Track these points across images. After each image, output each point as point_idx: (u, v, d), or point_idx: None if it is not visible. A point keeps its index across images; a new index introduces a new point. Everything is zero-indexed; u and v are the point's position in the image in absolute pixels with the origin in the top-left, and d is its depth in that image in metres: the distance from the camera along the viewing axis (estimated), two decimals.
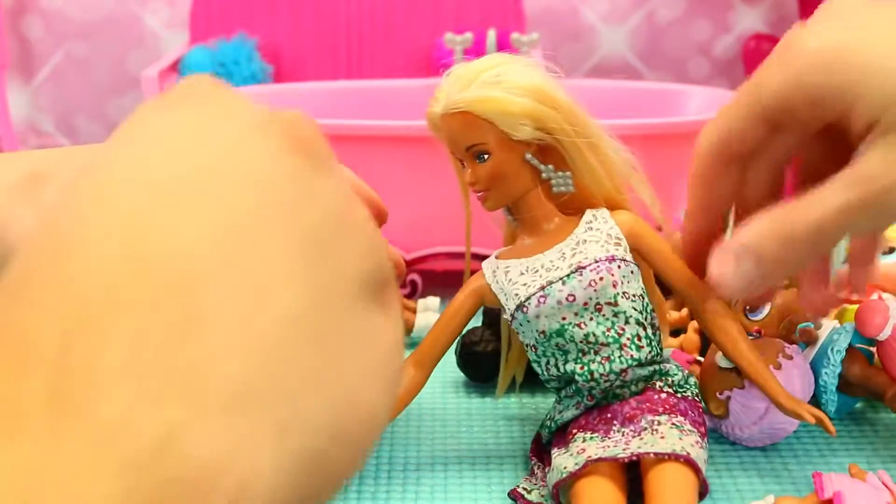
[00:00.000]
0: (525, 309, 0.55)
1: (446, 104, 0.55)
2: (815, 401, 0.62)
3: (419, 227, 0.81)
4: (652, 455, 0.50)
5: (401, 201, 0.80)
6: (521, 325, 0.56)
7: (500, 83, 0.54)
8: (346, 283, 0.27)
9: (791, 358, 0.59)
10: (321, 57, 1.24)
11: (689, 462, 0.50)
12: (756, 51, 1.17)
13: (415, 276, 0.83)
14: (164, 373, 0.22)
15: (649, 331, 0.55)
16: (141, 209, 0.24)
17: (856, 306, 0.67)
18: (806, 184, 0.49)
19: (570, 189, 0.57)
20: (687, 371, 0.57)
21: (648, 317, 0.56)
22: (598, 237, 0.56)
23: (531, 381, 0.68)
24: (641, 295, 0.56)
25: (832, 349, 0.61)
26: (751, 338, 0.58)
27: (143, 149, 0.26)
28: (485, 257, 0.73)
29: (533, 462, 0.58)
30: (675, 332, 0.74)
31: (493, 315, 0.70)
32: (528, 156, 0.55)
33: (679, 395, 0.55)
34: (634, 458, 0.51)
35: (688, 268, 0.57)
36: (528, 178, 0.56)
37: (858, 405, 0.65)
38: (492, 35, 0.99)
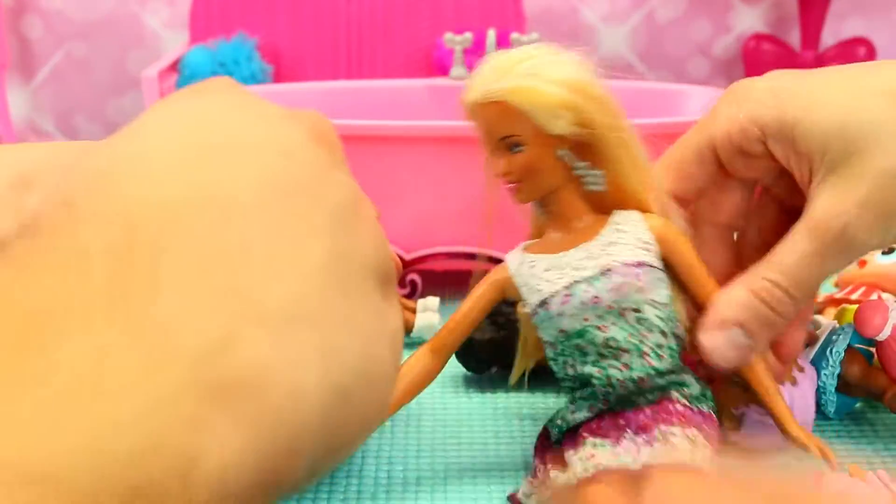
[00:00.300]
0: (548, 306, 0.54)
1: (482, 93, 0.54)
2: (815, 402, 0.62)
3: (419, 227, 0.81)
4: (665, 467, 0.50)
5: (401, 201, 0.80)
6: (542, 321, 0.55)
7: (538, 74, 0.53)
8: (361, 263, 0.29)
9: (803, 370, 0.58)
10: (321, 57, 1.24)
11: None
12: (756, 51, 1.17)
13: (414, 276, 0.83)
14: (220, 285, 0.24)
15: (671, 340, 0.55)
16: (196, 154, 0.26)
17: (855, 306, 0.67)
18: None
19: (601, 187, 0.56)
20: (704, 383, 0.57)
21: (672, 326, 0.55)
22: (627, 240, 0.55)
23: (532, 379, 0.68)
24: (667, 303, 0.55)
25: (831, 350, 0.61)
26: None
27: (179, 124, 0.28)
28: (489, 258, 0.73)
29: (536, 462, 0.58)
30: None
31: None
32: (562, 152, 0.55)
33: (695, 408, 0.55)
34: (643, 468, 0.50)
35: (711, 281, 0.56)
36: (561, 173, 0.55)
37: (858, 405, 0.65)
38: (491, 35, 0.99)
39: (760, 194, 0.56)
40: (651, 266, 0.54)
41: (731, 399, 0.59)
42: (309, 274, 0.26)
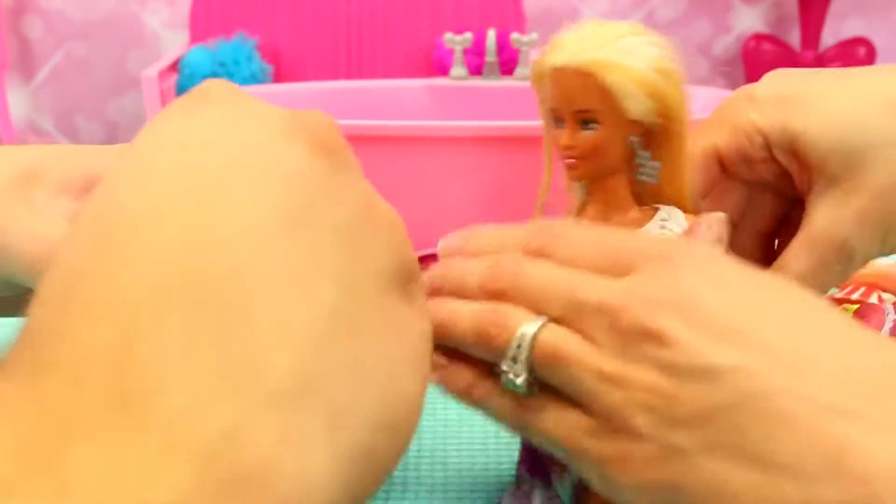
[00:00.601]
0: None
1: (571, 58, 0.51)
2: None
3: (420, 226, 0.81)
4: None
5: (402, 200, 0.80)
6: None
7: (635, 55, 0.51)
8: (375, 275, 0.28)
9: None
10: (321, 57, 1.24)
11: None
12: (756, 51, 1.17)
13: None
14: (224, 364, 0.23)
15: None
16: (181, 210, 0.25)
17: (856, 306, 0.67)
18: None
19: (654, 180, 0.54)
20: None
21: None
22: (671, 237, 0.54)
23: None
24: None
25: None
26: None
27: (175, 151, 0.27)
28: None
29: (520, 471, 0.57)
30: None
31: None
32: (633, 138, 0.52)
33: None
34: None
35: None
36: (623, 158, 0.53)
37: None
38: (491, 35, 0.99)
39: (759, 186, 0.56)
40: None
41: None
42: (317, 328, 0.25)
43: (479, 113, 0.95)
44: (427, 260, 0.84)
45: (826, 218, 0.48)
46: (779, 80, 0.52)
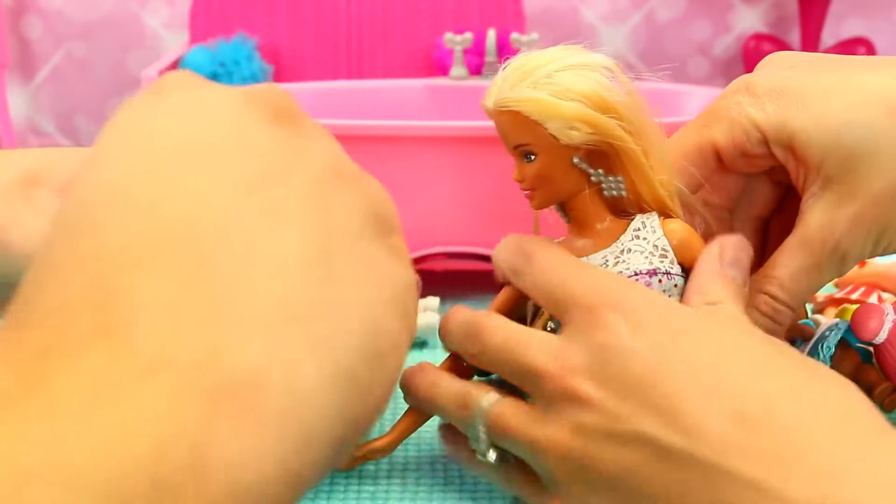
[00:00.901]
0: None
1: (496, 100, 0.53)
2: None
3: (419, 227, 0.81)
4: None
5: (401, 201, 0.80)
6: (557, 325, 0.55)
7: (553, 84, 0.51)
8: (347, 227, 0.29)
9: None
10: (321, 57, 1.24)
11: None
12: (756, 51, 1.17)
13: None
14: (196, 302, 0.24)
15: None
16: (146, 182, 0.26)
17: (856, 306, 0.67)
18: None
19: (621, 193, 0.54)
20: None
21: None
22: (643, 247, 0.54)
23: None
24: None
25: (822, 346, 0.61)
26: None
27: (136, 134, 0.28)
28: (487, 257, 0.73)
29: None
30: None
31: None
32: (577, 160, 0.53)
33: None
34: None
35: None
36: (577, 180, 0.54)
37: None
38: (491, 35, 0.99)
39: (755, 176, 0.56)
40: (667, 273, 0.53)
41: None
42: (288, 271, 0.26)
43: (479, 113, 0.95)
44: (427, 259, 0.84)
45: (820, 219, 0.48)
46: (778, 70, 0.52)
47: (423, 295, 0.82)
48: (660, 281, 0.53)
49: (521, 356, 0.42)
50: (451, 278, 0.85)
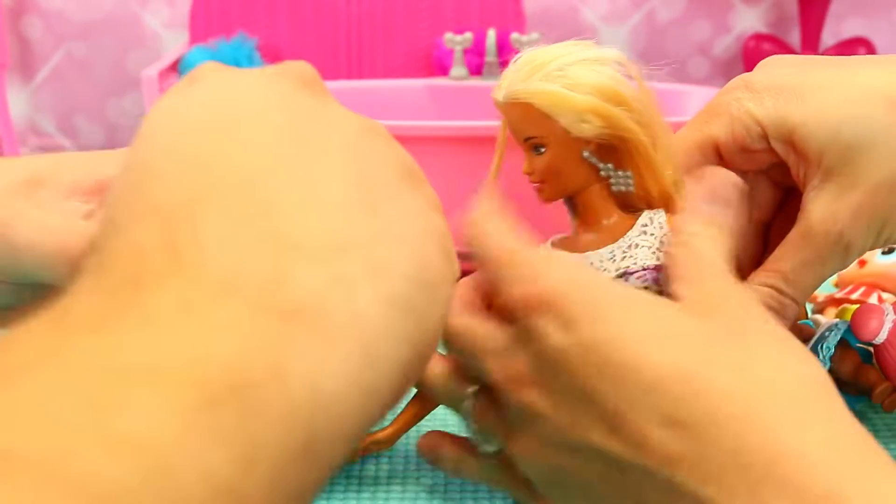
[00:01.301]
0: None
1: (507, 93, 0.53)
2: None
3: None
4: None
5: None
6: None
7: (565, 77, 0.51)
8: (385, 171, 0.31)
9: None
10: (321, 57, 1.24)
11: None
12: (756, 50, 1.17)
13: None
14: (257, 237, 0.26)
15: None
16: (197, 141, 0.28)
17: (856, 306, 0.67)
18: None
19: (629, 188, 0.54)
20: None
21: None
22: (650, 242, 0.54)
23: None
24: None
25: (821, 346, 0.61)
26: None
27: (180, 110, 0.30)
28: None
29: None
30: None
31: None
32: (586, 153, 0.53)
33: None
34: None
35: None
36: (586, 174, 0.54)
37: (858, 406, 0.65)
38: (491, 35, 0.99)
39: (754, 175, 0.56)
40: None
41: None
42: (339, 207, 0.28)
43: (480, 113, 0.95)
44: None
45: (822, 212, 0.49)
46: (776, 69, 0.52)
47: None
48: (664, 277, 0.53)
49: (481, 363, 0.42)
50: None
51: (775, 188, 0.56)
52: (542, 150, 0.53)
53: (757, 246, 0.56)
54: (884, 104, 0.47)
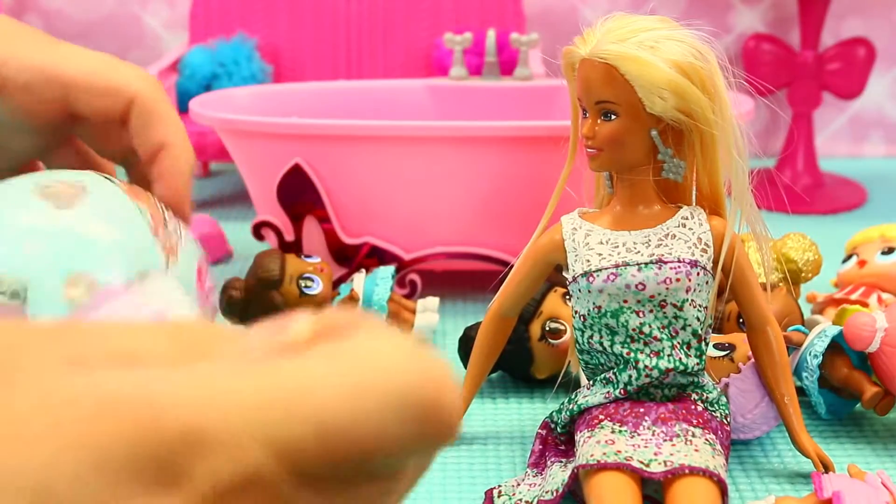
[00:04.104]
0: (591, 279, 0.53)
1: (594, 50, 0.51)
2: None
3: (418, 227, 0.81)
4: (687, 469, 0.49)
5: (401, 201, 0.80)
6: (579, 291, 0.54)
7: (657, 49, 0.51)
8: None
9: (750, 359, 0.59)
10: (321, 57, 1.24)
11: (720, 483, 0.50)
12: (756, 51, 1.17)
13: (414, 276, 0.83)
14: None
15: (701, 344, 0.54)
16: None
17: (855, 307, 0.67)
18: None
19: (678, 178, 0.54)
20: (720, 390, 0.57)
21: (704, 330, 0.54)
22: (688, 237, 0.53)
23: (520, 384, 0.68)
24: (706, 307, 0.54)
25: (810, 353, 0.61)
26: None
27: None
28: (486, 257, 0.73)
29: (534, 447, 0.58)
30: None
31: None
32: (654, 132, 0.52)
33: (711, 413, 0.54)
34: (670, 475, 0.49)
35: (763, 298, 0.56)
36: (645, 152, 0.53)
37: (858, 406, 0.65)
38: (491, 35, 0.99)
39: None
40: (704, 268, 0.53)
41: (713, 373, 0.59)
42: None
43: (479, 113, 0.95)
44: (426, 260, 0.84)
45: None
46: None
47: (423, 295, 0.82)
48: (698, 274, 0.53)
49: None
50: (450, 278, 0.85)
51: None
52: (612, 116, 0.52)
53: None
54: None
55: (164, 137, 0.44)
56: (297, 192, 0.81)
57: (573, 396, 0.56)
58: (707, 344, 0.55)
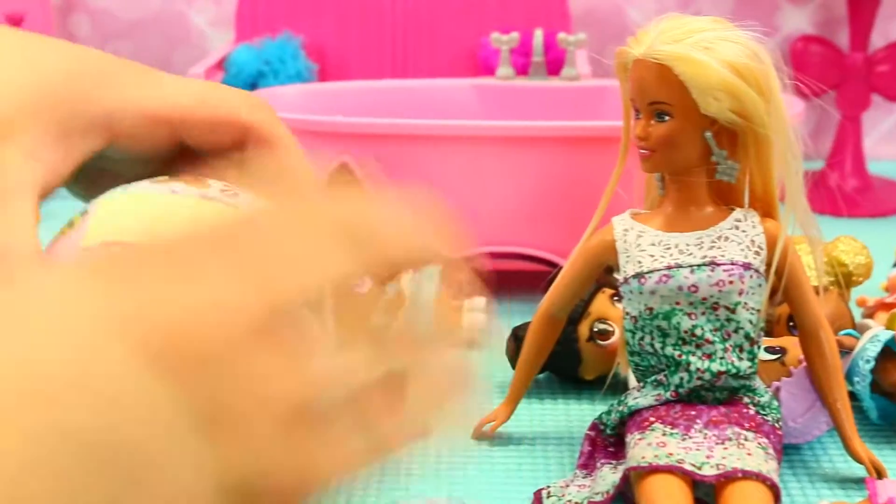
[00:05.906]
0: (643, 280, 0.53)
1: (648, 50, 0.51)
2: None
3: (466, 226, 0.81)
4: (740, 473, 0.49)
5: (447, 200, 0.80)
6: (630, 292, 0.54)
7: (712, 50, 0.50)
8: None
9: (802, 363, 0.59)
10: (366, 56, 1.24)
11: (773, 487, 0.49)
12: (804, 52, 1.16)
13: (461, 276, 0.82)
14: None
15: (754, 347, 0.54)
16: None
17: None
18: None
19: (731, 180, 0.53)
20: (771, 394, 0.56)
21: (757, 333, 0.54)
22: (741, 239, 0.53)
23: (568, 385, 0.68)
24: (759, 310, 0.54)
25: (862, 358, 0.61)
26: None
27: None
28: (534, 258, 0.73)
29: (583, 449, 0.57)
30: None
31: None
32: (708, 134, 0.52)
33: (763, 417, 0.54)
34: (722, 479, 0.49)
35: (816, 301, 0.55)
36: (699, 154, 0.53)
37: None
38: (538, 35, 0.99)
39: None
40: (757, 271, 0.53)
41: (763, 376, 0.59)
42: None
43: (526, 113, 0.95)
44: (475, 258, 0.83)
45: None
46: None
47: (470, 295, 0.82)
48: (751, 276, 0.53)
49: None
50: (497, 278, 0.85)
51: None
52: (666, 117, 0.52)
53: None
54: None
55: (283, 164, 0.43)
56: None
57: (623, 398, 0.56)
58: (759, 347, 0.55)
